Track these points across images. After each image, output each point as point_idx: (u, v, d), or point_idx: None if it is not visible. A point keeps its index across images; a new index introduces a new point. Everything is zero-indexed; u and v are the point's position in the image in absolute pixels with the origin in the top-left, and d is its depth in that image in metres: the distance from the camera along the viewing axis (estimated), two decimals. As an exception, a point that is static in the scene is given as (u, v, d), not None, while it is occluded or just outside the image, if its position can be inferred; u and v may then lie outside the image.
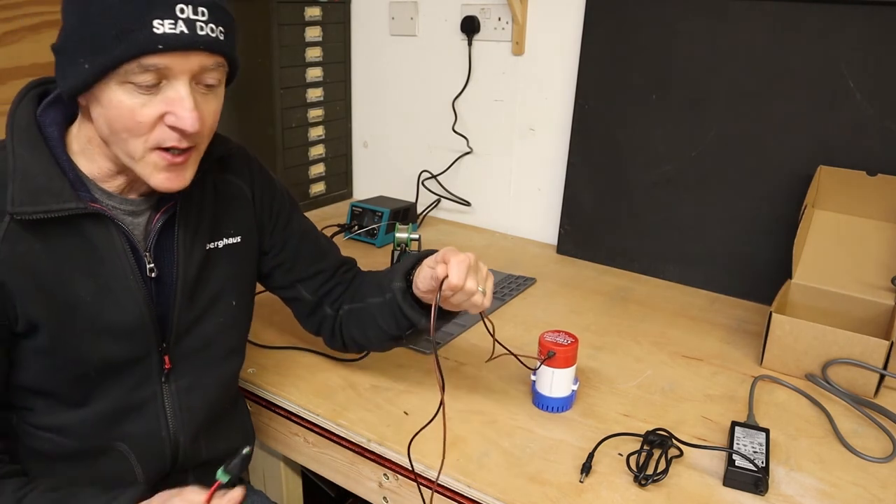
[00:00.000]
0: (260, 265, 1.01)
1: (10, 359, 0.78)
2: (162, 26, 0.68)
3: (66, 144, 0.80)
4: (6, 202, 0.73)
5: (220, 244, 0.92)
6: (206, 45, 0.72)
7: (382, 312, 0.97)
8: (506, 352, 1.03)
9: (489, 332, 0.96)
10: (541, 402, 1.01)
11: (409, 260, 0.96)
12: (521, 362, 1.04)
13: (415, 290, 0.93)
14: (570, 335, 1.00)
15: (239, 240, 0.94)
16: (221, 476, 0.74)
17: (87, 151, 0.79)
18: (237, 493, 0.74)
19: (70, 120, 0.81)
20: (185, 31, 0.69)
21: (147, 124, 0.72)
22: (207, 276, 0.90)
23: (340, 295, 1.06)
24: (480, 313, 0.91)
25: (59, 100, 0.80)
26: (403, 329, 0.96)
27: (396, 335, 0.98)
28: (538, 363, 0.99)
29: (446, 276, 0.83)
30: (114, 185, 0.81)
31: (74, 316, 0.77)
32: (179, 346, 0.87)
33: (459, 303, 0.87)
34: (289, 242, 1.02)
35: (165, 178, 0.76)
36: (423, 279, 0.89)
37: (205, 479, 0.92)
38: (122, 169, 0.79)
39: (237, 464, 0.75)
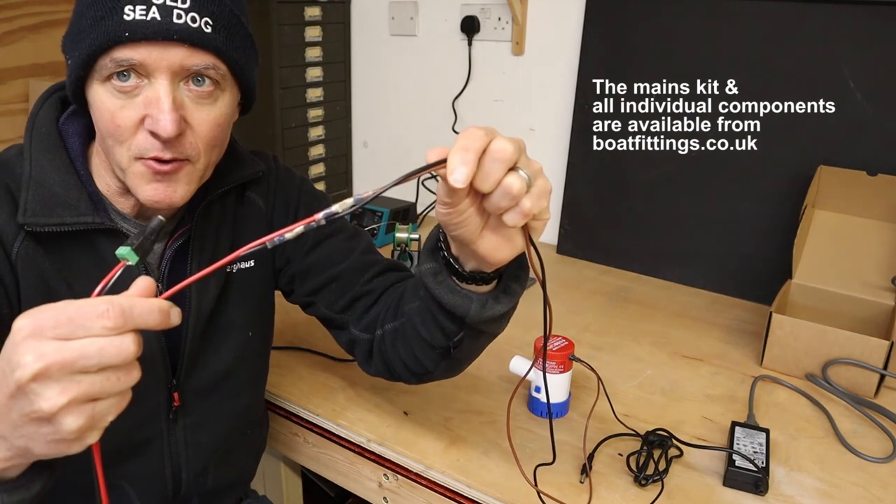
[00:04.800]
0: (279, 283, 0.92)
1: None
2: (133, 12, 0.61)
3: (87, 159, 0.75)
4: (18, 212, 0.68)
5: (234, 269, 0.84)
6: (184, 35, 0.62)
7: (423, 317, 0.73)
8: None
9: (534, 255, 0.62)
10: (539, 409, 1.01)
11: (435, 233, 0.68)
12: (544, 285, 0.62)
13: (455, 250, 0.65)
14: (565, 339, 1.00)
15: (252, 264, 0.85)
16: (129, 255, 0.54)
17: (99, 167, 0.75)
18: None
19: (94, 133, 0.74)
20: (158, 17, 0.61)
21: (127, 129, 0.65)
22: (221, 307, 0.83)
23: (367, 310, 0.86)
24: (530, 246, 0.60)
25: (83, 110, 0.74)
26: (451, 333, 0.71)
27: (444, 346, 0.73)
28: (560, 368, 0.98)
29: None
30: (127, 205, 0.75)
31: None
32: (190, 382, 0.81)
33: (493, 199, 0.54)
34: (302, 250, 0.88)
35: (153, 190, 0.68)
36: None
37: None
38: (126, 186, 0.72)
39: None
